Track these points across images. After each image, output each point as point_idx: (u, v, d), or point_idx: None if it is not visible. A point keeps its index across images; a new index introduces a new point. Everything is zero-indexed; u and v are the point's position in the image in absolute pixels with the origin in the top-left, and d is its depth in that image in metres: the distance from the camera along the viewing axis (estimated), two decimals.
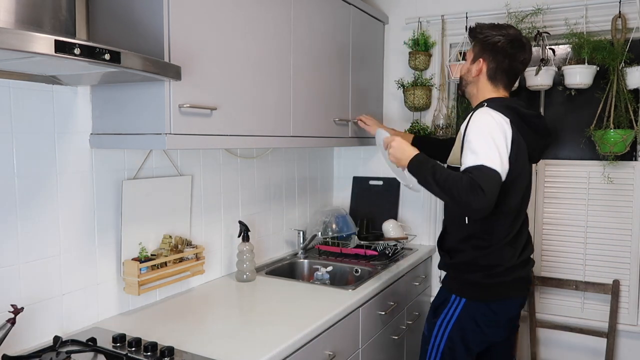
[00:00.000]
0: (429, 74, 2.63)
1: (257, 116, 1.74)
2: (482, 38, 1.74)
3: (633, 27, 2.24)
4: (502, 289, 1.71)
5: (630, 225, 2.34)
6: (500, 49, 1.70)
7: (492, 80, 1.75)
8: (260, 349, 1.41)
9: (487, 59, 1.73)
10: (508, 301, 1.74)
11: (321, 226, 2.58)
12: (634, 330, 2.35)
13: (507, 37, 1.69)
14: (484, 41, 1.73)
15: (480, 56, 1.75)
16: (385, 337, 2.15)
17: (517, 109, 1.65)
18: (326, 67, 2.17)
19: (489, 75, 1.74)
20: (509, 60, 1.70)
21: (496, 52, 1.71)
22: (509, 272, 1.70)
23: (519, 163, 1.63)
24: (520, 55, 1.71)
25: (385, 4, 2.78)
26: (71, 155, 1.51)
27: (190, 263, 1.84)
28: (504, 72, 1.73)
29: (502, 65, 1.71)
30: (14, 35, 0.91)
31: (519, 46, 1.70)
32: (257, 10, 1.72)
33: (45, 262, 1.46)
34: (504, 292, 1.72)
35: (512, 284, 1.72)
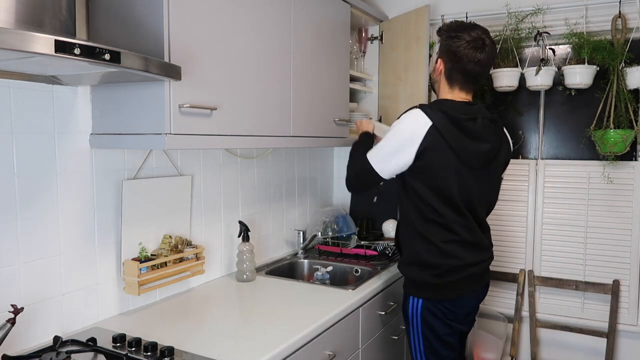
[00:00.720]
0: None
1: (257, 116, 1.74)
2: (442, 39, 1.76)
3: (633, 27, 2.24)
4: (452, 289, 1.75)
5: (630, 225, 2.34)
6: (455, 49, 1.71)
7: (449, 80, 1.77)
8: (260, 349, 1.41)
9: (444, 59, 1.76)
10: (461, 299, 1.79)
11: (321, 226, 2.58)
12: (634, 330, 2.36)
13: (464, 40, 1.70)
14: (442, 42, 1.76)
15: (440, 56, 1.78)
16: (385, 337, 2.15)
17: (447, 112, 1.67)
18: (326, 67, 2.17)
19: (446, 75, 1.77)
20: (462, 62, 1.71)
21: (451, 53, 1.73)
22: (452, 273, 1.73)
23: (436, 166, 1.67)
24: (476, 56, 1.69)
25: (385, 3, 2.78)
26: (71, 155, 1.52)
27: (190, 263, 1.84)
28: (459, 73, 1.74)
29: (456, 65, 1.73)
30: (14, 35, 0.91)
31: (475, 47, 1.69)
32: (257, 10, 1.72)
33: (45, 262, 1.46)
34: (456, 292, 1.76)
35: (460, 283, 1.76)
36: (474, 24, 1.77)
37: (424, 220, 1.73)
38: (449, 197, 1.69)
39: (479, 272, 1.80)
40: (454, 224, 1.71)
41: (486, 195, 1.81)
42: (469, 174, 1.71)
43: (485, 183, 1.78)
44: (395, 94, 2.59)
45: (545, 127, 2.54)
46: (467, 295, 1.80)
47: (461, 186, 1.70)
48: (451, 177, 1.68)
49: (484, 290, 1.90)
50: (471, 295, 1.82)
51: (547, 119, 2.54)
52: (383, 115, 2.66)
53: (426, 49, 2.43)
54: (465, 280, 1.76)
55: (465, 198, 1.71)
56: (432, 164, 1.67)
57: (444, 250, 1.71)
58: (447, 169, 1.68)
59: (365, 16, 2.53)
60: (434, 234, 1.72)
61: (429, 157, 1.66)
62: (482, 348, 2.53)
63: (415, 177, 1.71)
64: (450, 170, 1.68)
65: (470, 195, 1.72)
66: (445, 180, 1.68)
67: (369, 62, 2.71)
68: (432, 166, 1.68)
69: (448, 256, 1.72)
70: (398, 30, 2.56)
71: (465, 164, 1.69)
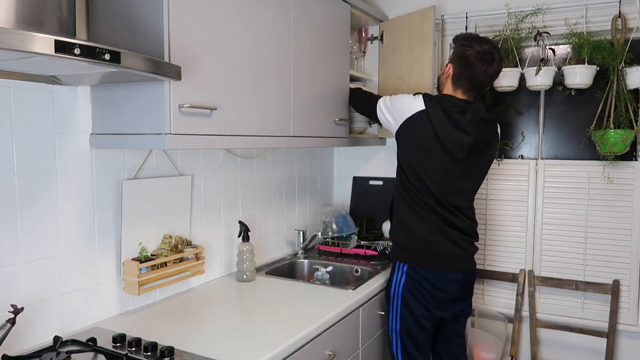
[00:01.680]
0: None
1: (257, 116, 1.74)
2: (456, 46, 1.97)
3: (633, 27, 2.24)
4: (430, 257, 1.93)
5: (630, 225, 2.34)
6: (466, 58, 1.90)
7: (454, 84, 1.96)
8: (260, 349, 1.41)
9: (455, 65, 1.95)
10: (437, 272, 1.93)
11: (321, 226, 2.57)
12: (634, 330, 2.35)
13: (476, 50, 1.88)
14: (456, 49, 1.96)
15: (451, 62, 1.97)
16: (386, 337, 2.15)
17: (441, 102, 1.90)
18: (326, 67, 2.17)
19: (453, 79, 1.96)
20: (471, 70, 1.90)
21: (462, 61, 1.92)
22: (430, 241, 1.93)
23: (415, 141, 1.92)
24: (484, 68, 1.89)
25: (385, 3, 2.78)
26: (71, 155, 1.52)
27: (190, 263, 1.84)
28: (465, 79, 1.93)
29: (465, 72, 1.92)
30: (14, 35, 0.91)
31: (484, 59, 1.88)
32: (257, 10, 1.72)
33: (45, 262, 1.46)
34: (434, 262, 1.93)
35: (439, 255, 1.93)
36: (487, 39, 1.95)
37: (403, 189, 1.98)
38: (419, 174, 1.91)
39: (458, 252, 1.94)
40: (428, 199, 1.92)
41: (465, 185, 1.97)
42: (451, 162, 1.90)
43: (469, 175, 1.97)
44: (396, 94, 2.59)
45: (545, 127, 2.54)
46: (446, 272, 1.93)
47: (436, 171, 1.90)
48: (428, 159, 1.90)
49: (466, 279, 1.99)
50: (450, 274, 1.94)
51: (547, 119, 2.54)
52: None
53: (431, 49, 2.43)
54: (444, 255, 1.93)
55: (438, 181, 1.91)
56: (412, 140, 1.93)
57: (422, 215, 1.93)
58: (427, 150, 1.90)
59: (365, 16, 2.53)
60: (413, 199, 1.94)
61: (412, 129, 1.92)
62: (482, 348, 2.53)
63: (400, 147, 1.99)
64: (430, 152, 1.89)
65: (446, 180, 1.92)
66: (418, 159, 1.91)
67: (369, 62, 2.71)
68: (412, 141, 1.93)
69: (425, 220, 1.93)
70: (400, 30, 2.56)
71: (447, 150, 1.88)
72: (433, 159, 1.90)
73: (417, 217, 1.94)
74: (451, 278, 1.95)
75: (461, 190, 1.96)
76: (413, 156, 1.93)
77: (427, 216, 1.92)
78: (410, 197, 1.95)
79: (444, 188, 1.92)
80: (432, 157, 1.90)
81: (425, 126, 1.89)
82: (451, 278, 1.95)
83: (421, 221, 1.93)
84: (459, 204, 1.96)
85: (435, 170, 1.90)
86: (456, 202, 1.95)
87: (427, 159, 1.91)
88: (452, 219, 1.94)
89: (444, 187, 1.91)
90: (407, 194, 1.96)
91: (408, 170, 1.95)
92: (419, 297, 1.94)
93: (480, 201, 2.60)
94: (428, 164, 1.91)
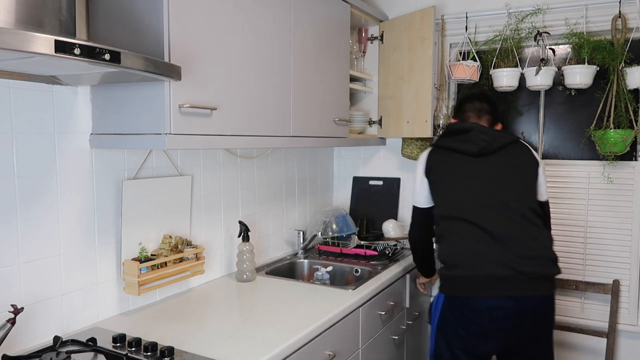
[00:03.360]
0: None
1: (257, 116, 1.74)
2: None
3: (633, 27, 2.24)
4: (462, 283, 1.75)
5: (630, 225, 2.34)
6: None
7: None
8: (260, 349, 1.41)
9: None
10: (470, 299, 1.74)
11: (321, 226, 2.57)
12: (634, 330, 2.35)
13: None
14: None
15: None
16: (385, 337, 2.15)
17: (437, 141, 2.02)
18: (326, 67, 2.17)
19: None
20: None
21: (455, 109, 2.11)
22: (461, 265, 1.75)
23: (437, 170, 1.95)
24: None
25: (385, 3, 2.78)
26: (71, 155, 1.52)
27: (190, 263, 1.84)
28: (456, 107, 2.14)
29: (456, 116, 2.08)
30: (14, 35, 0.91)
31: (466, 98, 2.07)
32: (257, 10, 1.72)
33: (45, 262, 1.46)
34: (466, 287, 1.75)
35: (470, 279, 1.73)
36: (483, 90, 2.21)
37: (435, 221, 1.93)
38: (442, 196, 1.90)
39: (501, 273, 1.69)
40: (460, 221, 1.81)
41: (492, 186, 1.83)
42: (464, 167, 1.87)
43: (486, 173, 1.86)
44: (397, 94, 2.59)
45: (545, 127, 2.54)
46: (481, 297, 1.70)
47: (456, 186, 1.87)
48: (446, 182, 1.90)
49: (517, 307, 1.69)
50: (487, 298, 1.70)
51: (547, 119, 2.54)
52: (384, 116, 2.66)
53: (432, 49, 2.43)
54: (478, 278, 1.71)
55: (459, 198, 1.85)
56: (436, 173, 1.94)
57: (452, 242, 1.81)
58: (448, 171, 1.90)
59: (365, 16, 2.53)
60: (445, 230, 1.85)
61: (433, 167, 1.96)
62: None
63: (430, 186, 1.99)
64: (451, 171, 1.89)
65: (464, 194, 1.85)
66: (438, 185, 1.92)
67: (369, 62, 2.71)
68: (437, 173, 1.94)
69: (455, 246, 1.79)
70: (401, 30, 2.56)
71: (461, 152, 1.88)
72: (447, 184, 1.92)
73: (446, 243, 1.88)
74: (492, 304, 1.72)
75: (495, 196, 1.86)
76: (437, 186, 1.96)
77: (458, 239, 1.85)
78: (443, 225, 1.91)
79: (475, 199, 1.85)
80: (447, 183, 1.92)
81: (439, 156, 1.96)
82: (492, 304, 1.72)
83: (450, 247, 1.86)
84: (498, 212, 1.86)
85: (456, 193, 1.89)
86: (492, 212, 1.85)
87: (443, 186, 1.93)
88: (497, 233, 1.79)
89: (473, 197, 1.85)
90: (437, 224, 1.94)
91: (436, 199, 1.96)
92: (453, 326, 1.79)
93: None
94: (443, 190, 1.93)
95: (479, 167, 1.86)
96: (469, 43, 2.54)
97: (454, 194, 1.86)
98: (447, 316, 1.80)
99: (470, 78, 2.49)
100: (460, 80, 2.51)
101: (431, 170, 1.96)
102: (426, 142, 2.69)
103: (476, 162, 1.86)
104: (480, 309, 1.72)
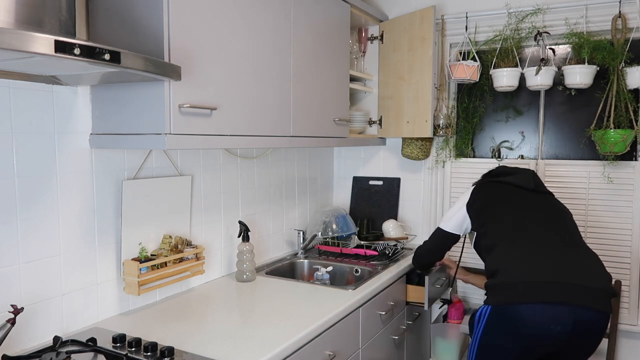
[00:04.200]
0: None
1: (257, 116, 1.74)
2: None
3: (633, 27, 2.24)
4: (506, 289, 1.71)
5: (630, 225, 2.34)
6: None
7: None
8: (260, 349, 1.41)
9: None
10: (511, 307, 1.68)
11: (321, 226, 2.58)
12: (634, 330, 2.35)
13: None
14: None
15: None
16: (385, 337, 2.15)
17: (484, 178, 2.13)
18: (326, 67, 2.17)
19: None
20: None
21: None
22: (505, 273, 1.74)
23: (488, 205, 1.99)
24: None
25: (385, 3, 2.78)
26: (71, 155, 1.52)
27: (190, 263, 1.84)
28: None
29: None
30: (14, 35, 0.91)
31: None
32: (257, 10, 1.72)
33: (45, 262, 1.46)
34: (510, 293, 1.70)
35: (514, 285, 1.69)
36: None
37: (480, 239, 1.96)
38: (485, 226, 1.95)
39: (547, 279, 1.65)
40: (515, 237, 1.84)
41: (547, 215, 1.90)
42: (520, 198, 1.95)
43: (540, 205, 1.94)
44: (397, 94, 2.59)
45: (545, 127, 2.54)
46: (526, 304, 1.64)
47: (501, 213, 1.94)
48: (488, 213, 1.96)
49: (570, 317, 1.61)
50: (534, 306, 1.63)
51: (547, 119, 2.54)
52: (384, 116, 2.66)
53: (432, 49, 2.43)
54: (521, 285, 1.67)
55: (516, 215, 1.90)
56: (485, 201, 1.99)
57: (506, 251, 1.80)
58: (501, 199, 1.97)
59: (365, 16, 2.54)
60: (497, 244, 1.85)
61: (479, 199, 2.01)
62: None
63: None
64: (505, 200, 1.96)
65: (522, 212, 1.91)
66: (483, 217, 1.96)
67: (369, 62, 2.71)
68: (486, 201, 2.00)
69: (509, 255, 1.79)
70: (401, 30, 2.56)
71: (516, 185, 1.98)
72: (489, 214, 1.98)
73: (492, 259, 1.90)
74: (540, 313, 1.66)
75: (541, 219, 1.94)
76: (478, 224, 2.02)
77: (501, 256, 1.88)
78: (486, 242, 1.95)
79: (519, 220, 1.92)
80: (489, 213, 1.99)
81: (485, 186, 2.06)
82: (540, 313, 1.66)
83: (496, 262, 1.90)
84: (542, 233, 1.90)
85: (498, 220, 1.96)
86: (536, 231, 1.89)
87: (488, 217, 1.98)
88: (540, 251, 1.83)
89: (518, 218, 1.93)
90: (481, 242, 1.98)
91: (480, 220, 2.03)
92: (501, 336, 1.77)
93: None
94: (487, 221, 1.98)
95: (534, 198, 1.95)
96: (469, 43, 2.54)
97: (508, 217, 1.90)
98: (493, 326, 1.72)
99: (470, 78, 2.49)
100: (461, 80, 2.51)
101: (475, 202, 2.00)
102: (426, 142, 2.69)
103: (530, 194, 1.96)
104: (535, 318, 1.63)
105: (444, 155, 2.72)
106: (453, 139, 2.71)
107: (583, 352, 1.74)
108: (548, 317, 1.63)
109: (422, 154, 2.69)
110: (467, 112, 2.66)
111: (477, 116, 2.64)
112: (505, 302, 1.69)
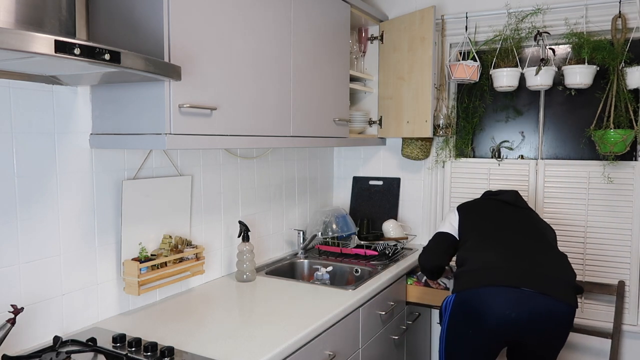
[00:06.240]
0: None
1: (257, 116, 1.74)
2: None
3: (633, 27, 2.24)
4: (469, 276, 1.79)
5: (630, 225, 2.34)
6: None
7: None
8: (260, 349, 1.41)
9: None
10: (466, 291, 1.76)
11: (321, 226, 2.57)
12: (635, 331, 2.35)
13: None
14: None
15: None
16: (385, 337, 2.15)
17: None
18: (326, 67, 2.17)
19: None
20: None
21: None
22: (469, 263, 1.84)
23: (472, 214, 2.11)
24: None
25: (385, 3, 2.78)
26: (71, 155, 1.52)
27: (190, 263, 1.84)
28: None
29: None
30: (14, 35, 0.91)
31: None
32: (257, 10, 1.72)
33: (45, 262, 1.46)
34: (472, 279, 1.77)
35: (475, 272, 1.77)
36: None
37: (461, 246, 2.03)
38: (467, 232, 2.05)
39: (508, 266, 1.72)
40: (486, 239, 1.95)
41: (523, 225, 2.01)
42: (498, 210, 2.08)
43: (518, 215, 2.05)
44: (397, 94, 2.59)
45: (545, 127, 2.54)
46: (485, 287, 1.68)
47: (477, 219, 2.07)
48: (470, 222, 2.07)
49: (527, 302, 1.65)
50: (493, 288, 1.67)
51: (547, 119, 2.54)
52: (384, 116, 2.66)
53: (432, 49, 2.43)
54: (483, 271, 1.74)
55: (477, 228, 2.03)
56: (470, 211, 2.12)
57: (473, 247, 1.92)
58: (483, 210, 2.10)
59: (365, 16, 2.54)
60: (469, 245, 1.96)
61: (465, 209, 2.14)
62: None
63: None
64: (486, 210, 2.10)
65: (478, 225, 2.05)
66: (466, 226, 2.07)
67: (369, 62, 2.71)
68: (471, 211, 2.12)
69: (475, 250, 1.90)
70: (401, 30, 2.56)
71: (497, 200, 2.12)
72: (473, 222, 2.11)
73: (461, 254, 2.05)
74: (498, 296, 1.72)
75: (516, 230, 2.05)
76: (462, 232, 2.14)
77: (473, 252, 2.00)
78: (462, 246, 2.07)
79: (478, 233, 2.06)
80: (473, 221, 2.11)
81: (471, 205, 2.17)
82: (498, 296, 1.72)
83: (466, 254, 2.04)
84: (515, 240, 2.00)
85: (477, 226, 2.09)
86: (510, 238, 2.00)
87: (471, 225, 2.11)
88: (510, 250, 1.93)
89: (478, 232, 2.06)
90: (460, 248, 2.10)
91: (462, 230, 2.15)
92: (462, 318, 1.87)
93: None
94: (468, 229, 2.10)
95: (512, 211, 2.06)
96: (469, 43, 2.54)
97: (484, 222, 2.02)
98: (456, 315, 1.77)
99: (470, 78, 2.49)
100: (460, 80, 2.51)
101: (462, 211, 2.13)
102: (426, 142, 2.69)
103: (509, 208, 2.08)
104: (494, 303, 1.67)
105: (444, 155, 2.72)
106: (453, 139, 2.71)
107: (549, 346, 1.74)
108: (505, 301, 1.66)
109: (422, 154, 2.69)
110: (467, 112, 2.66)
111: (477, 116, 2.64)
112: (467, 286, 1.75)
